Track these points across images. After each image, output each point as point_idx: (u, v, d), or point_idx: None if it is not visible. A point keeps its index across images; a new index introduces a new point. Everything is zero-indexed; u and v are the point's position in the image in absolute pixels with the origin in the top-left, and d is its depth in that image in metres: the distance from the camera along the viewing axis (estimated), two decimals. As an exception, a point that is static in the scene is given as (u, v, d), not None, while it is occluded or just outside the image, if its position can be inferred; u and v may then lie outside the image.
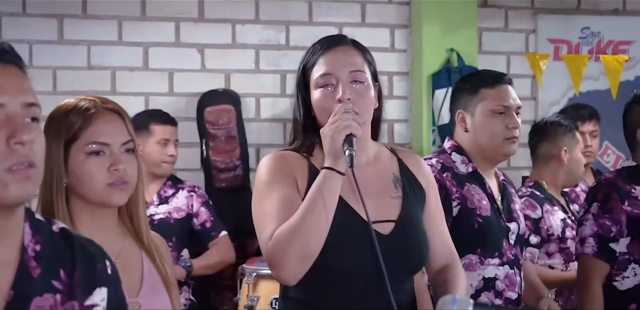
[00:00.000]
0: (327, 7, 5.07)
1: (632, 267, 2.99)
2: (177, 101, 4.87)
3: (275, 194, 2.12)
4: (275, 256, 2.03)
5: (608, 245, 2.98)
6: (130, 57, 4.84)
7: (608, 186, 3.04)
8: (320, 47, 2.24)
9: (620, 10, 5.48)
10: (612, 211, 2.99)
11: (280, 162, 2.19)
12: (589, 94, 5.29)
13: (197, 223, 4.28)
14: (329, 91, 2.18)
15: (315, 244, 2.04)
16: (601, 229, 3.00)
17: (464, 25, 5.02)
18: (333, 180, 2.07)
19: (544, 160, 3.98)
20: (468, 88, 2.97)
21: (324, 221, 2.05)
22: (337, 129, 2.06)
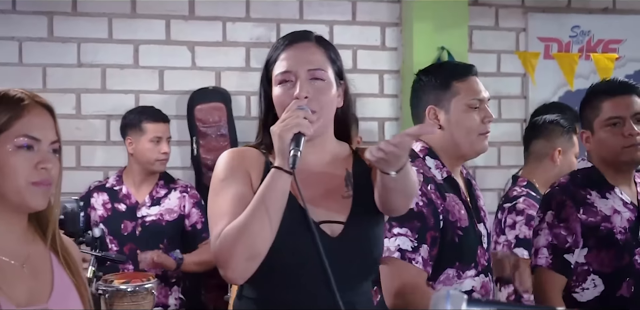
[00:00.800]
0: (318, 5, 5.06)
1: (591, 279, 2.87)
2: (167, 99, 4.86)
3: (229, 190, 2.09)
4: (222, 255, 2.00)
5: (562, 256, 2.85)
6: (121, 54, 4.83)
7: (562, 193, 2.92)
8: (283, 43, 2.20)
9: (610, 9, 5.50)
10: (567, 220, 2.86)
11: (237, 158, 2.16)
12: (579, 92, 5.26)
13: (188, 224, 4.27)
14: (287, 87, 2.14)
15: (260, 244, 2.00)
16: (556, 239, 2.86)
17: (455, 24, 5.02)
18: (281, 180, 2.02)
19: (536, 158, 3.97)
20: (438, 82, 2.70)
21: (271, 221, 2.00)
22: (286, 128, 2.01)
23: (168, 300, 4.19)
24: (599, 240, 2.85)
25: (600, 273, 2.86)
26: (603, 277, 2.86)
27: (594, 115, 2.92)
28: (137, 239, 4.17)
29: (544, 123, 3.99)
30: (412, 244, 2.51)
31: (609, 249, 2.86)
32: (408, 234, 2.51)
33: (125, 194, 4.25)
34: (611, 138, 2.89)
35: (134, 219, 4.20)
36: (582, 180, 2.94)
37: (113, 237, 4.16)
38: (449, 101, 2.69)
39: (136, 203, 4.23)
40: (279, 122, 2.04)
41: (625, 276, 2.86)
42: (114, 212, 4.22)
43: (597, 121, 2.91)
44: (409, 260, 2.49)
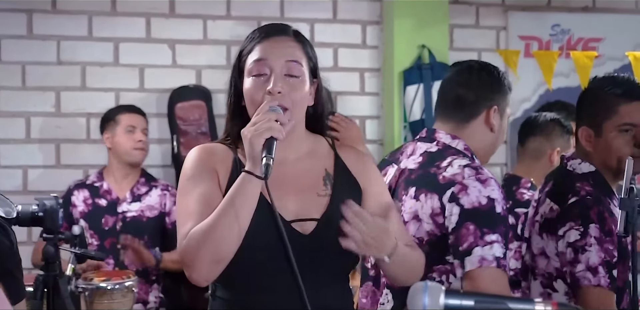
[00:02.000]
0: (298, 3, 5.06)
1: None
2: (147, 97, 4.84)
3: (195, 190, 2.04)
4: (187, 256, 1.97)
5: (612, 272, 2.55)
6: (101, 52, 4.81)
7: (596, 202, 2.61)
8: (260, 34, 2.13)
9: (590, 8, 5.52)
10: (611, 233, 2.56)
11: (204, 156, 2.11)
12: (559, 90, 5.31)
13: (169, 222, 4.27)
14: (261, 81, 2.06)
15: (226, 248, 1.96)
16: (608, 255, 2.54)
17: (436, 22, 5.03)
18: (252, 184, 1.96)
19: (533, 156, 3.88)
20: (503, 86, 2.67)
21: (237, 226, 1.96)
22: (257, 133, 1.93)
23: (148, 297, 4.19)
24: (620, 252, 2.60)
25: (617, 288, 2.58)
26: (617, 292, 2.59)
27: (606, 116, 2.68)
28: (118, 234, 4.18)
29: (546, 121, 3.89)
30: (502, 251, 2.40)
31: (625, 261, 2.61)
32: (499, 240, 2.39)
33: (106, 189, 4.26)
34: (622, 145, 2.68)
35: (115, 214, 4.22)
36: (599, 187, 2.69)
37: (94, 231, 4.17)
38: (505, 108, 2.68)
39: (117, 198, 4.24)
40: (250, 126, 1.97)
41: (626, 288, 2.64)
42: (94, 207, 4.23)
43: (609, 124, 2.68)
44: (503, 267, 2.39)
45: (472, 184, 2.43)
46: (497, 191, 2.43)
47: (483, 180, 2.44)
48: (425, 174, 2.53)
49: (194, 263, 1.96)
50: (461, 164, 2.49)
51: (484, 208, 2.40)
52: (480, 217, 2.27)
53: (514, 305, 1.46)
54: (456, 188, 2.43)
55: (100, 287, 3.51)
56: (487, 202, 2.40)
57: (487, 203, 2.40)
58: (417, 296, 1.47)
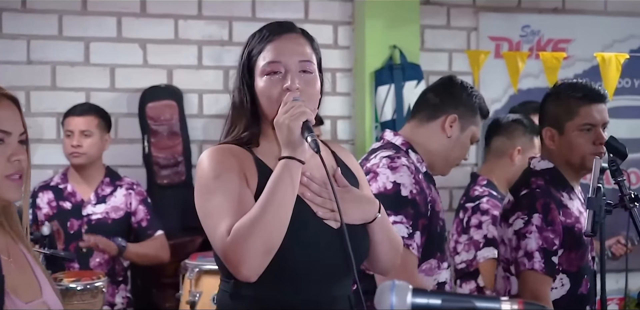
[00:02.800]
0: (270, 3, 5.06)
1: (559, 278, 2.93)
2: (118, 97, 4.82)
3: (225, 188, 2.02)
4: (236, 251, 1.93)
5: (551, 259, 2.87)
6: (71, 52, 4.78)
7: (544, 195, 2.93)
8: (269, 34, 2.14)
9: (560, 9, 5.56)
10: (553, 223, 2.88)
11: (226, 156, 2.09)
12: (529, 91, 5.36)
13: (134, 221, 4.24)
14: (277, 79, 2.09)
15: (277, 236, 1.96)
16: (546, 243, 2.86)
17: (407, 23, 5.05)
18: (294, 169, 2.01)
19: (496, 155, 3.99)
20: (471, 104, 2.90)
21: (285, 212, 1.98)
22: (293, 117, 2.00)
23: (115, 299, 4.15)
24: (572, 241, 2.90)
25: (568, 272, 2.92)
26: (570, 276, 2.92)
27: (568, 117, 2.98)
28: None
29: (507, 121, 4.02)
30: (407, 231, 2.59)
31: (578, 249, 2.92)
32: (403, 221, 2.59)
33: (70, 192, 4.21)
34: (583, 143, 2.96)
35: (80, 217, 4.16)
36: (553, 182, 2.99)
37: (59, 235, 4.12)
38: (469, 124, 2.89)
39: (81, 201, 4.19)
40: (282, 114, 2.02)
41: (584, 274, 2.95)
42: (59, 210, 4.18)
43: (571, 124, 2.97)
44: (406, 245, 2.55)
45: (383, 172, 2.66)
46: (407, 177, 2.64)
47: (394, 167, 2.66)
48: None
49: (245, 257, 1.93)
50: (383, 155, 2.73)
51: (388, 192, 2.61)
52: (384, 201, 2.32)
53: (480, 304, 1.47)
54: (370, 176, 2.65)
55: (70, 287, 3.49)
56: (393, 186, 2.62)
57: (392, 187, 2.62)
58: (384, 295, 1.47)
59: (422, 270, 2.70)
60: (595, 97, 2.98)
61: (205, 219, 2.05)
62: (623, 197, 2.58)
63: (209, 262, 3.73)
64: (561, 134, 3.00)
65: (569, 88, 3.03)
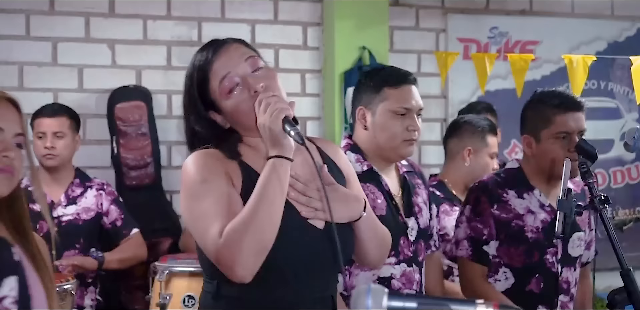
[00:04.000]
0: (239, 4, 5.05)
1: (502, 271, 3.08)
2: (87, 97, 4.79)
3: (213, 191, 2.02)
4: (230, 252, 1.94)
5: (481, 247, 3.06)
6: (39, 52, 4.75)
7: (479, 189, 3.12)
8: (204, 59, 2.11)
9: (527, 11, 5.61)
10: (482, 214, 3.07)
11: (211, 159, 2.07)
12: (497, 92, 5.40)
13: (108, 222, 4.21)
14: (240, 92, 2.08)
15: (270, 235, 1.97)
16: (474, 232, 3.07)
17: (376, 24, 5.07)
18: (283, 167, 2.02)
19: (450, 156, 4.03)
20: (371, 85, 2.87)
21: (277, 211, 1.99)
22: (272, 118, 1.99)
23: (84, 301, 4.12)
24: (509, 236, 3.06)
25: (511, 267, 3.07)
26: (513, 271, 3.07)
27: (544, 125, 3.06)
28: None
29: (459, 122, 4.06)
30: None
31: (518, 245, 3.06)
32: None
33: (40, 194, 4.18)
34: (558, 150, 3.03)
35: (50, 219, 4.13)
36: (503, 180, 3.13)
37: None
38: (377, 105, 2.85)
39: (52, 203, 4.15)
40: (262, 115, 2.01)
41: (534, 272, 3.06)
42: (29, 212, 4.13)
43: (546, 132, 3.06)
44: None
45: None
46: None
47: None
48: None
49: (239, 258, 1.94)
50: None
51: None
52: None
53: (456, 307, 1.48)
54: None
55: (39, 290, 3.47)
56: None
57: None
58: (360, 298, 1.48)
59: (356, 266, 2.73)
60: (571, 106, 3.06)
61: (194, 222, 2.04)
62: (593, 199, 2.61)
63: (179, 264, 3.73)
64: (538, 141, 3.09)
65: (546, 96, 3.12)
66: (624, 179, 5.80)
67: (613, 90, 5.77)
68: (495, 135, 4.02)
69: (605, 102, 5.73)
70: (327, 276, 2.14)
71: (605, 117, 5.69)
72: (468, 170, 3.91)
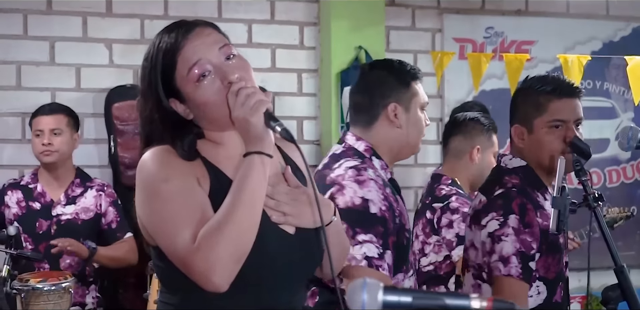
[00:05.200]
0: (236, 3, 5.07)
1: (536, 285, 2.69)
2: (84, 97, 4.81)
3: (180, 193, 1.83)
4: (206, 259, 1.76)
5: (528, 264, 2.62)
6: (36, 51, 4.76)
7: (520, 195, 2.68)
8: (173, 41, 1.91)
9: (523, 11, 5.63)
10: (531, 225, 2.63)
11: (174, 158, 1.89)
12: (492, 92, 5.42)
13: (104, 223, 4.23)
14: (211, 80, 1.89)
15: (248, 239, 1.81)
16: (523, 246, 2.61)
17: (372, 24, 5.08)
18: (263, 165, 1.84)
19: (455, 155, 3.92)
20: (400, 80, 2.62)
21: (257, 213, 1.83)
22: (252, 110, 1.82)
23: (85, 299, 4.14)
24: (548, 246, 2.68)
25: (545, 279, 2.70)
26: (547, 284, 2.71)
27: (537, 113, 2.75)
28: (53, 238, 4.10)
29: (465, 120, 3.96)
30: (377, 251, 2.41)
31: (554, 254, 2.71)
32: (373, 241, 2.41)
33: (40, 192, 4.19)
34: (552, 140, 2.74)
35: (49, 218, 4.14)
36: (527, 181, 2.76)
37: (28, 235, 4.10)
38: (410, 101, 2.62)
39: (51, 201, 4.17)
40: (239, 107, 1.83)
41: (559, 281, 2.75)
42: (28, 210, 4.15)
43: (539, 120, 2.75)
44: (376, 267, 2.39)
45: (349, 185, 2.46)
46: (375, 192, 2.45)
47: (361, 181, 2.47)
48: (320, 175, 2.56)
49: (215, 264, 1.77)
50: (348, 165, 2.53)
51: (357, 208, 2.42)
52: (352, 217, 2.28)
53: (450, 301, 1.50)
54: (335, 188, 2.47)
55: (36, 288, 3.49)
56: (362, 202, 2.43)
57: (361, 203, 2.42)
58: (356, 293, 1.49)
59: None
60: (567, 91, 2.76)
61: (158, 226, 1.86)
62: (587, 197, 2.54)
63: (177, 262, 3.73)
64: (530, 131, 2.78)
65: (539, 82, 2.80)
66: (619, 179, 5.83)
67: (609, 90, 5.80)
68: (496, 133, 3.98)
69: (600, 102, 5.76)
70: (297, 286, 2.00)
71: (600, 117, 5.72)
72: (476, 169, 3.83)
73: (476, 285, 2.76)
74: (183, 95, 1.92)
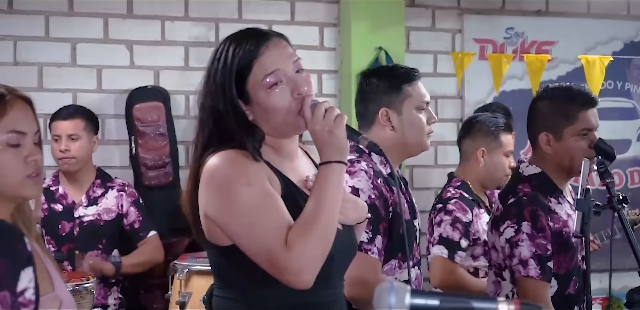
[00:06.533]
0: (256, 4, 5.08)
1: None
2: (105, 98, 4.83)
3: (265, 196, 1.98)
4: (299, 259, 1.92)
5: (547, 264, 2.89)
6: (58, 53, 4.78)
7: (532, 203, 2.94)
8: (255, 46, 2.05)
9: (543, 12, 5.61)
10: (544, 230, 2.90)
11: (250, 162, 2.02)
12: (512, 92, 5.41)
13: (127, 223, 4.25)
14: (282, 89, 2.03)
15: (332, 239, 1.99)
16: (539, 249, 2.89)
17: (392, 24, 5.08)
18: (342, 173, 2.03)
19: (464, 157, 4.03)
20: (389, 85, 2.86)
21: (337, 215, 2.02)
22: (336, 123, 2.00)
23: (107, 301, 4.16)
24: (561, 245, 2.93)
25: (556, 275, 2.94)
26: (558, 279, 2.95)
27: (567, 123, 2.98)
28: (75, 240, 4.13)
29: (471, 122, 4.06)
30: (367, 236, 2.62)
31: (567, 252, 2.95)
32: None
33: (62, 194, 4.21)
34: (581, 147, 2.96)
35: (72, 219, 4.16)
36: (541, 188, 2.99)
37: (51, 237, 4.12)
38: (402, 103, 2.84)
39: (73, 203, 4.19)
40: (319, 120, 2.00)
41: (573, 275, 2.99)
42: (50, 212, 4.17)
43: (570, 129, 2.97)
44: (365, 251, 2.61)
45: None
46: (365, 182, 2.68)
47: (352, 172, 2.69)
48: None
49: (308, 264, 1.94)
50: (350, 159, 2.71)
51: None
52: None
53: (477, 305, 1.50)
54: None
55: (59, 288, 3.50)
56: (351, 191, 2.63)
57: (351, 192, 2.61)
58: (383, 296, 1.49)
59: (383, 271, 2.74)
60: (592, 102, 3.01)
61: (244, 228, 1.97)
62: (611, 199, 2.60)
63: (199, 263, 3.75)
64: (558, 139, 3.00)
65: (565, 93, 3.04)
66: (641, 179, 5.80)
67: (630, 91, 5.76)
68: (509, 133, 4.01)
69: (622, 102, 5.73)
70: (342, 277, 2.19)
71: (622, 118, 5.69)
72: (483, 170, 3.92)
73: (496, 281, 3.04)
74: (251, 98, 2.06)
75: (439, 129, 5.27)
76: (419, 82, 2.90)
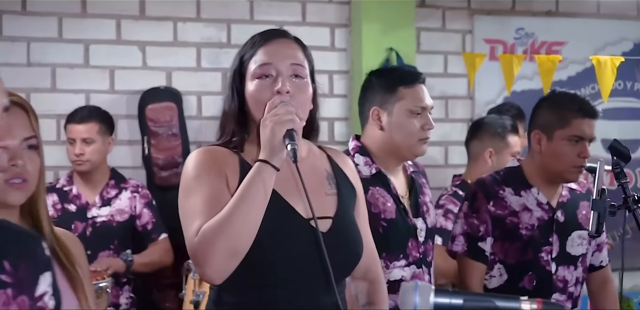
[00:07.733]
0: (267, 5, 5.10)
1: (497, 267, 3.10)
2: (118, 99, 4.85)
3: (203, 189, 2.01)
4: (201, 252, 1.93)
5: (477, 244, 3.07)
6: (71, 54, 4.81)
7: (476, 186, 3.13)
8: (261, 39, 2.15)
9: (553, 12, 5.62)
10: (478, 211, 3.08)
11: (209, 157, 2.08)
12: (523, 93, 5.42)
13: (140, 224, 4.27)
14: (267, 82, 2.09)
15: (244, 238, 1.95)
16: (470, 228, 3.08)
17: (403, 25, 5.10)
18: (267, 173, 1.99)
19: (472, 158, 4.10)
20: (385, 85, 2.90)
21: (254, 215, 1.96)
22: (280, 121, 1.99)
23: (119, 300, 4.18)
24: (503, 232, 3.08)
25: (505, 263, 3.09)
26: (507, 267, 3.09)
27: (560, 125, 3.05)
28: (88, 240, 4.13)
29: (479, 124, 4.13)
30: None
31: (512, 242, 3.08)
32: None
33: (76, 194, 4.23)
34: (568, 153, 3.03)
35: (85, 220, 4.18)
36: (501, 177, 3.15)
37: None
38: (393, 105, 2.87)
39: (86, 203, 4.21)
40: (271, 115, 2.01)
41: (527, 270, 3.08)
42: (64, 212, 4.19)
43: (561, 132, 3.04)
44: None
45: None
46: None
47: None
48: None
49: (209, 258, 1.92)
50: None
51: None
52: None
53: (501, 304, 1.52)
54: None
55: (75, 288, 3.51)
56: None
57: None
58: (408, 295, 1.52)
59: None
60: (590, 112, 3.06)
61: (182, 218, 2.05)
62: (627, 199, 2.62)
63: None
64: (549, 139, 3.08)
65: (567, 98, 3.11)
66: (651, 180, 5.82)
67: (639, 91, 5.78)
68: (516, 134, 4.05)
69: (631, 103, 5.74)
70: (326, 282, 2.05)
71: (631, 117, 5.70)
72: (491, 170, 3.92)
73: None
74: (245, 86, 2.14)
75: (449, 129, 5.31)
76: (420, 86, 2.90)
